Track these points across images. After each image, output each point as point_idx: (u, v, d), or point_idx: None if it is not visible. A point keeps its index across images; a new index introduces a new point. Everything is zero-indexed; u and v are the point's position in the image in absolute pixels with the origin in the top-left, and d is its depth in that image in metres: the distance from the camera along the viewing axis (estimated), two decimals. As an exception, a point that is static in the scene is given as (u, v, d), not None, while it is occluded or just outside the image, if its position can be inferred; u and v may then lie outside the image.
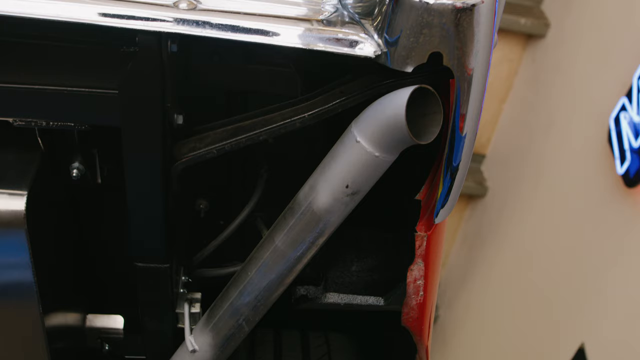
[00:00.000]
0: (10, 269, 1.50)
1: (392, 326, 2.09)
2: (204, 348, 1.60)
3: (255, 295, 1.49)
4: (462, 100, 1.27)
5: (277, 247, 1.43)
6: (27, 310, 1.55)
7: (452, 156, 1.34)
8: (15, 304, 1.55)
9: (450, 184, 1.37)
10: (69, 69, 1.34)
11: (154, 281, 1.59)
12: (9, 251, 1.48)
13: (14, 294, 1.53)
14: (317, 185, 1.35)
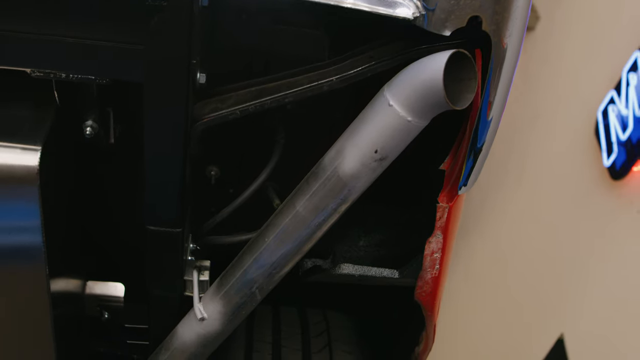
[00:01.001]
0: (19, 226, 1.45)
1: (394, 303, 2.08)
2: (214, 316, 1.57)
3: (271, 262, 1.46)
4: (494, 74, 1.26)
5: (298, 213, 1.39)
6: (33, 270, 1.50)
7: (476, 138, 1.35)
8: (22, 263, 1.50)
9: (472, 164, 1.38)
10: (93, 20, 1.29)
11: (165, 245, 1.55)
12: (20, 208, 1.43)
13: (21, 252, 1.48)
14: (344, 150, 1.32)
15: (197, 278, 1.64)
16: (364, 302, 2.26)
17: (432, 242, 1.51)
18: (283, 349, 2.03)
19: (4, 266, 1.50)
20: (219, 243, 1.71)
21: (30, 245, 1.47)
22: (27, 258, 1.49)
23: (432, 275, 1.57)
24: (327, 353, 2.03)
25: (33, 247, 1.47)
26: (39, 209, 1.42)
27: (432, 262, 1.53)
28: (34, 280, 1.52)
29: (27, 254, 1.48)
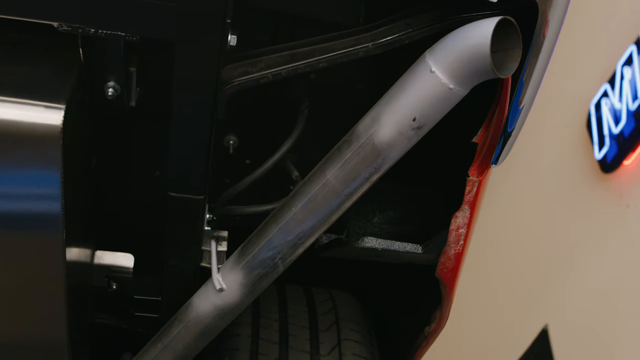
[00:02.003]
0: (39, 186, 1.40)
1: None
2: (233, 287, 1.53)
3: (297, 232, 1.43)
4: (532, 53, 1.24)
5: (329, 182, 1.37)
6: (50, 235, 1.46)
7: (507, 123, 1.36)
8: (38, 226, 1.45)
9: (501, 148, 1.39)
10: None
11: (186, 213, 1.52)
12: (40, 168, 1.38)
13: (38, 215, 1.43)
14: (380, 117, 1.30)
15: (215, 248, 1.60)
16: (371, 281, 2.24)
17: (459, 217, 1.49)
18: (290, 326, 2.00)
19: (20, 230, 1.46)
20: (237, 213, 1.67)
21: (49, 208, 1.42)
22: (44, 221, 1.44)
23: (455, 251, 1.55)
24: (334, 331, 2.00)
25: (51, 210, 1.42)
26: (60, 170, 1.37)
27: (457, 237, 1.52)
28: (50, 246, 1.47)
29: (45, 217, 1.44)
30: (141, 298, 1.84)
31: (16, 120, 1.36)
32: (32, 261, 1.50)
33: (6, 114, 1.35)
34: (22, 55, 1.41)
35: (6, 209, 1.43)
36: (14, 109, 1.36)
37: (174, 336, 1.64)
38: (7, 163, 1.39)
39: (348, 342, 1.97)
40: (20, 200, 1.43)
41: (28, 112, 1.35)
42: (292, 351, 1.93)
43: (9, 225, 1.45)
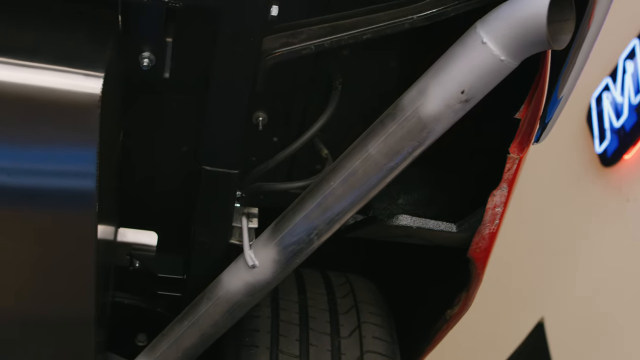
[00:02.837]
0: (73, 157, 1.37)
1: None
2: (266, 264, 1.51)
3: (335, 208, 1.41)
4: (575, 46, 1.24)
5: (371, 156, 1.35)
6: (83, 209, 1.42)
7: (545, 113, 1.37)
8: (71, 200, 1.41)
9: (539, 137, 1.41)
10: None
11: (219, 187, 1.50)
12: (76, 139, 1.35)
13: (72, 187, 1.40)
14: (427, 89, 1.28)
15: (246, 225, 1.58)
16: (386, 265, 2.23)
17: (496, 195, 1.48)
18: (310, 308, 1.98)
19: (52, 203, 1.42)
20: (269, 190, 1.65)
21: (82, 181, 1.39)
22: (77, 195, 1.41)
23: (489, 230, 1.54)
24: (354, 314, 1.99)
25: (85, 184, 1.39)
26: (97, 142, 1.34)
27: (493, 216, 1.51)
28: (82, 221, 1.44)
29: (78, 191, 1.40)
30: (163, 277, 1.81)
31: (53, 88, 1.32)
32: (63, 235, 1.47)
33: (43, 81, 1.32)
34: (58, 21, 1.37)
35: (39, 180, 1.39)
36: (51, 77, 1.32)
37: (202, 314, 1.62)
38: (42, 133, 1.35)
39: (368, 325, 1.95)
40: (53, 173, 1.40)
41: (66, 80, 1.32)
42: (312, 333, 1.91)
43: (40, 198, 1.41)
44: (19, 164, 1.38)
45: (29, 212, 1.44)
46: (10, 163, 1.38)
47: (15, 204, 1.42)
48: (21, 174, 1.39)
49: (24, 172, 1.39)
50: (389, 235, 1.74)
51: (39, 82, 1.32)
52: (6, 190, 1.40)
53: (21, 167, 1.39)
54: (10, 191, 1.40)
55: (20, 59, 1.32)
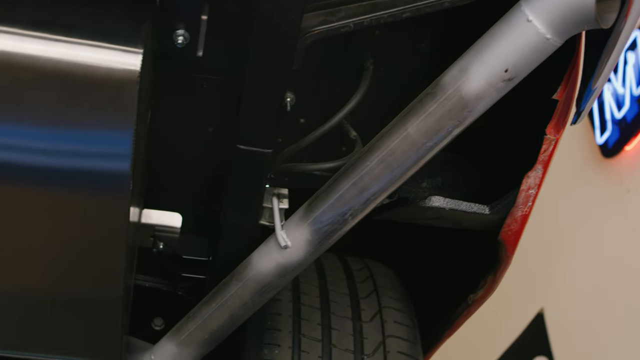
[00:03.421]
0: (109, 135, 1.36)
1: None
2: (298, 245, 1.51)
3: (371, 187, 1.41)
4: (613, 38, 1.24)
5: (409, 135, 1.35)
6: (117, 188, 1.41)
7: (580, 102, 1.38)
8: (106, 179, 1.40)
9: (576, 120, 1.42)
10: None
11: (253, 167, 1.49)
12: (113, 116, 1.34)
13: (107, 166, 1.38)
14: (469, 68, 1.28)
15: (277, 205, 1.57)
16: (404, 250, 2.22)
17: (531, 177, 1.48)
18: (330, 292, 1.98)
19: (86, 182, 1.41)
20: (300, 171, 1.65)
21: (118, 160, 1.38)
22: (112, 174, 1.39)
23: (522, 212, 1.54)
24: (374, 298, 1.98)
25: (120, 163, 1.37)
26: (134, 120, 1.33)
27: (526, 198, 1.51)
28: (115, 200, 1.43)
29: (113, 170, 1.39)
30: (187, 259, 1.80)
31: (91, 64, 1.31)
32: (95, 214, 1.45)
33: (81, 57, 1.31)
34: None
35: (73, 159, 1.38)
36: (89, 52, 1.31)
37: (231, 295, 1.61)
38: (79, 110, 1.34)
39: (389, 310, 1.95)
40: (88, 151, 1.38)
41: (104, 56, 1.31)
42: (334, 317, 1.91)
43: (75, 177, 1.40)
44: (53, 142, 1.37)
45: (61, 191, 1.43)
46: (45, 141, 1.37)
47: (49, 182, 1.41)
48: (55, 152, 1.38)
49: (58, 151, 1.38)
50: (417, 217, 1.74)
51: (77, 58, 1.31)
52: (41, 169, 1.38)
53: (56, 146, 1.37)
54: (44, 170, 1.39)
55: (58, 34, 1.31)
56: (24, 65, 1.31)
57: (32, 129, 1.36)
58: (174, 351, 1.73)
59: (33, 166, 1.39)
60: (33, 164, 1.38)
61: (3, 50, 1.29)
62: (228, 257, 1.65)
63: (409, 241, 2.15)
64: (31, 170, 1.39)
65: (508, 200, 1.53)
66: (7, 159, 1.37)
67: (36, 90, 1.34)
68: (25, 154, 1.38)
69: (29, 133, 1.36)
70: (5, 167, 1.38)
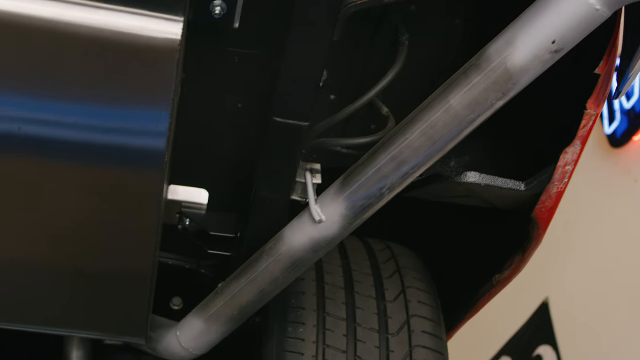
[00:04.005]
0: (148, 104, 1.34)
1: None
2: (333, 219, 1.49)
3: (410, 161, 1.40)
4: None
5: (451, 107, 1.33)
6: (153, 161, 1.39)
7: (621, 77, 1.38)
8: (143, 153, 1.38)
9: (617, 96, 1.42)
10: None
11: (289, 140, 1.47)
12: (153, 84, 1.32)
13: (143, 137, 1.36)
14: (515, 40, 1.27)
15: (311, 180, 1.56)
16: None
17: (568, 153, 1.47)
18: (354, 272, 1.97)
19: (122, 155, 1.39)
20: (333, 145, 1.63)
21: (154, 131, 1.36)
22: (149, 147, 1.38)
23: (557, 189, 1.53)
24: (397, 278, 1.97)
25: (158, 136, 1.36)
26: (173, 91, 1.31)
27: (563, 174, 1.50)
28: (151, 174, 1.41)
29: (150, 143, 1.37)
30: (214, 235, 1.78)
31: (130, 32, 1.29)
32: (130, 187, 1.44)
33: (120, 24, 1.29)
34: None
35: (109, 129, 1.36)
36: (128, 20, 1.29)
37: (261, 270, 1.60)
38: (116, 78, 1.32)
39: (412, 290, 1.94)
40: (124, 123, 1.36)
41: (144, 24, 1.29)
42: (358, 296, 1.90)
43: (110, 147, 1.38)
44: (88, 113, 1.35)
45: (94, 165, 1.41)
46: (79, 112, 1.35)
47: (81, 155, 1.39)
48: (89, 124, 1.36)
49: (93, 122, 1.36)
50: (447, 195, 1.73)
51: (116, 25, 1.29)
52: (74, 141, 1.36)
53: (90, 117, 1.35)
54: (77, 142, 1.37)
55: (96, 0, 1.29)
56: (60, 32, 1.29)
57: (67, 99, 1.34)
58: (201, 327, 1.71)
59: (67, 138, 1.37)
60: (67, 136, 1.37)
61: (39, 17, 1.27)
62: (258, 232, 1.63)
63: (431, 221, 2.15)
64: (64, 142, 1.37)
65: (544, 176, 1.52)
66: (42, 129, 1.35)
67: (71, 59, 1.32)
68: (59, 125, 1.36)
69: (64, 103, 1.34)
70: (38, 138, 1.36)
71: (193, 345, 1.75)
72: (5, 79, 1.31)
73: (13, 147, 1.36)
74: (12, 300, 1.58)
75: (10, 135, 1.34)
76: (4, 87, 1.31)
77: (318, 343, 1.79)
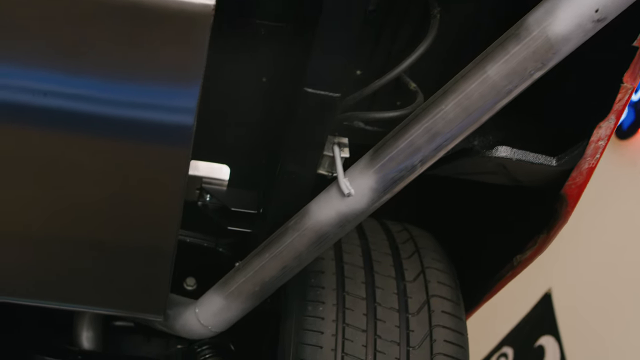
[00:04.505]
0: (178, 74, 1.30)
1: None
2: (362, 192, 1.47)
3: (444, 132, 1.37)
4: None
5: (489, 78, 1.31)
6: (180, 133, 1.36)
7: None
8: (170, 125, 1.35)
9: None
10: None
11: (319, 112, 1.44)
12: (184, 52, 1.29)
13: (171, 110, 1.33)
14: (557, 8, 1.24)
15: (339, 153, 1.53)
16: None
17: (602, 128, 1.45)
18: (373, 252, 1.95)
19: (143, 129, 1.35)
20: (363, 119, 1.61)
21: (183, 105, 1.32)
22: (175, 121, 1.34)
23: (589, 165, 1.51)
24: (417, 259, 1.95)
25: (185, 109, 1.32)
26: (204, 58, 1.28)
27: (595, 150, 1.48)
28: (178, 146, 1.38)
29: (177, 115, 1.34)
30: (235, 211, 1.75)
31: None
32: (155, 162, 1.40)
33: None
34: None
35: (136, 101, 1.33)
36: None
37: (286, 245, 1.57)
38: (145, 45, 1.29)
39: (432, 270, 1.92)
40: (152, 94, 1.33)
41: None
42: (377, 276, 1.88)
43: (136, 120, 1.34)
44: (114, 83, 1.31)
45: (119, 138, 1.37)
46: (105, 82, 1.31)
47: (106, 128, 1.35)
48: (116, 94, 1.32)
49: (119, 93, 1.32)
50: (475, 171, 1.70)
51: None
52: (99, 113, 1.33)
53: (116, 87, 1.32)
54: (103, 114, 1.33)
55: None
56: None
57: (93, 68, 1.30)
58: (222, 304, 1.69)
59: (90, 110, 1.33)
60: (90, 108, 1.33)
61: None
62: (282, 208, 1.61)
63: (450, 202, 2.13)
64: (87, 115, 1.34)
65: (576, 152, 1.50)
66: (66, 101, 1.32)
67: (96, 25, 1.28)
68: (82, 98, 1.32)
69: (89, 73, 1.31)
70: (61, 109, 1.32)
71: (212, 323, 1.73)
72: (31, 47, 1.27)
73: (37, 118, 1.33)
74: (34, 276, 1.55)
75: (35, 106, 1.30)
76: (28, 55, 1.28)
77: (338, 322, 1.77)
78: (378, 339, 1.77)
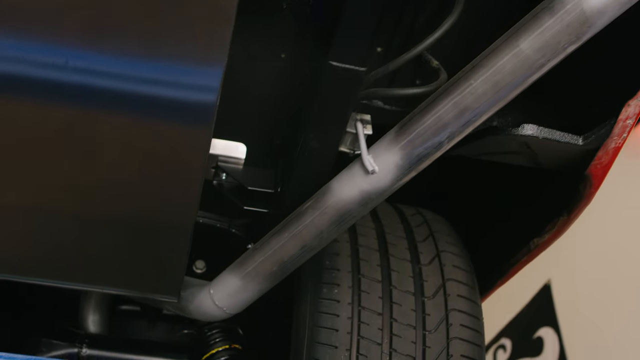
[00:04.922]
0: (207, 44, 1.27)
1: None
2: (386, 169, 1.44)
3: (473, 108, 1.34)
4: None
5: (521, 51, 1.28)
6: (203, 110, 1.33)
7: None
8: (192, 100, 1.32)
9: None
10: None
11: (344, 86, 1.42)
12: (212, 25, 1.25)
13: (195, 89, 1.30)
14: (593, -20, 1.22)
15: (362, 130, 1.51)
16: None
17: (631, 106, 1.43)
18: (387, 235, 1.92)
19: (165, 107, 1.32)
20: (386, 95, 1.58)
21: (207, 84, 1.29)
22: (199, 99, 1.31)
23: (615, 144, 1.49)
24: (431, 242, 1.93)
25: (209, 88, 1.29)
26: (231, 29, 1.25)
27: (623, 129, 1.46)
28: (198, 129, 1.35)
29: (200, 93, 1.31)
30: (252, 190, 1.72)
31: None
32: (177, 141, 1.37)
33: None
34: None
35: (159, 79, 1.29)
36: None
37: (306, 224, 1.54)
38: (168, 21, 1.25)
39: (446, 254, 1.90)
40: (174, 72, 1.29)
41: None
42: (393, 259, 1.85)
43: (158, 98, 1.31)
44: (136, 60, 1.28)
45: (140, 117, 1.34)
46: (126, 59, 1.28)
47: (126, 106, 1.32)
48: (138, 72, 1.29)
49: (141, 70, 1.29)
50: (500, 150, 1.68)
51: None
52: (119, 91, 1.30)
53: (139, 64, 1.29)
54: (122, 92, 1.30)
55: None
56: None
57: (112, 44, 1.27)
58: (238, 284, 1.66)
59: (116, 87, 1.30)
60: (117, 85, 1.30)
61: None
62: (302, 186, 1.58)
63: (466, 183, 2.10)
64: (109, 92, 1.31)
65: (604, 130, 1.48)
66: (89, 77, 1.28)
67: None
68: (106, 75, 1.29)
69: (114, 50, 1.27)
70: (82, 85, 1.29)
71: (228, 304, 1.70)
72: (57, 22, 1.24)
73: (62, 94, 1.30)
74: (52, 256, 1.52)
75: (61, 82, 1.27)
76: (54, 31, 1.24)
77: (353, 305, 1.74)
78: (394, 322, 1.75)
